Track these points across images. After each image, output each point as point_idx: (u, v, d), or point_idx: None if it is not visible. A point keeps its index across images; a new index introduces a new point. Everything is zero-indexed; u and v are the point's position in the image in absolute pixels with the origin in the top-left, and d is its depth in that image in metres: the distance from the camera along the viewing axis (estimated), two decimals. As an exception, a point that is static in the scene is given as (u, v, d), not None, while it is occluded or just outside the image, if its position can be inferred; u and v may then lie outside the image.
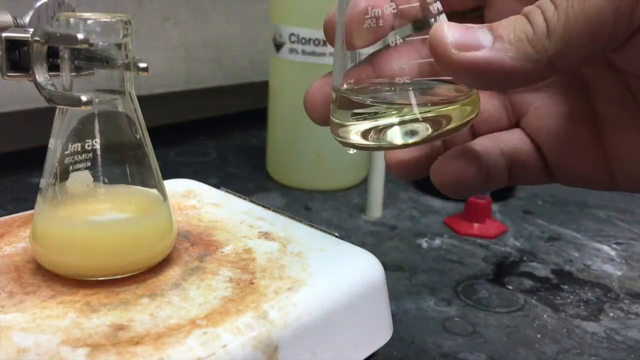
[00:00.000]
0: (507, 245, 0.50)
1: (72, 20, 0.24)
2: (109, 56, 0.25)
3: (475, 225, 0.52)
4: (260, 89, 0.70)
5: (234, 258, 0.28)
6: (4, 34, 0.26)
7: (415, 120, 0.22)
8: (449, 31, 0.19)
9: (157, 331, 0.22)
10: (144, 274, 0.26)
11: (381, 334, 0.29)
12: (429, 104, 0.22)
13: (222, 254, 0.29)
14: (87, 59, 0.25)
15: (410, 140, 0.22)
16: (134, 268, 0.26)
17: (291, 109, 0.60)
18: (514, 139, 0.26)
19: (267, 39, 0.64)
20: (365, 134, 0.23)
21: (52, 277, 0.25)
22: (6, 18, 0.26)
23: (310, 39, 0.56)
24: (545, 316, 0.39)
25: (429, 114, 0.22)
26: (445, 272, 0.45)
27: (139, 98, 0.27)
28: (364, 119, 0.23)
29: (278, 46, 0.59)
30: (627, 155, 0.23)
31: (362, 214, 0.55)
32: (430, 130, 0.22)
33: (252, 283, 0.26)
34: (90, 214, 0.26)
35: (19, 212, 0.33)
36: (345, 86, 0.24)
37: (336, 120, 0.24)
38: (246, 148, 0.76)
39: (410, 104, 0.22)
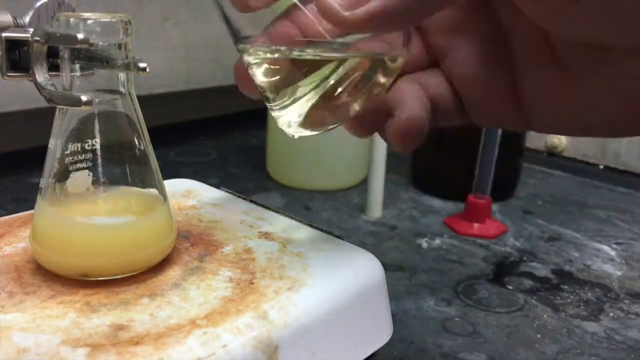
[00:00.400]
0: (507, 245, 0.50)
1: (72, 20, 0.24)
2: (109, 56, 0.25)
3: (475, 225, 0.52)
4: (260, 89, 0.69)
5: (234, 258, 0.28)
6: (4, 34, 0.26)
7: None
8: None
9: (157, 331, 0.22)
10: (144, 274, 0.26)
11: (381, 334, 0.29)
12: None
13: (222, 254, 0.29)
14: (87, 59, 0.25)
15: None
16: (134, 268, 0.26)
17: (291, 109, 0.60)
18: (433, 83, 0.26)
19: (267, 39, 0.64)
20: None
21: (52, 277, 0.25)
22: (6, 18, 0.26)
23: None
24: (545, 316, 0.39)
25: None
26: (445, 272, 0.45)
27: (139, 98, 0.27)
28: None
29: (278, 46, 0.59)
30: (539, 98, 0.24)
31: (362, 214, 0.55)
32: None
33: (252, 283, 0.26)
34: (91, 214, 0.26)
35: (19, 212, 0.33)
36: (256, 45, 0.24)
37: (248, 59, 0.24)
38: (246, 148, 0.76)
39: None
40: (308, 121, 0.24)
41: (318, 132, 0.25)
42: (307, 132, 0.25)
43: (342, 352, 0.27)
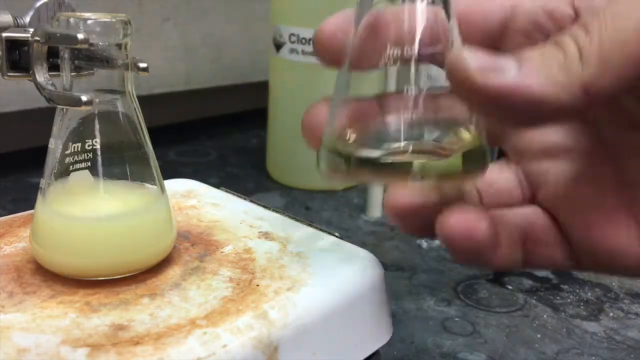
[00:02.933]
0: (507, 245, 0.50)
1: (72, 20, 0.24)
2: (109, 56, 0.25)
3: (475, 225, 0.52)
4: (260, 89, 0.70)
5: (234, 258, 0.28)
6: (4, 34, 0.26)
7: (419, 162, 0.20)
8: (470, 55, 0.17)
9: (157, 331, 0.22)
10: (144, 274, 0.26)
11: (381, 334, 0.29)
12: (433, 153, 0.21)
13: (222, 254, 0.29)
14: (87, 59, 0.25)
15: (411, 179, 0.20)
16: (134, 268, 0.26)
17: (291, 109, 0.60)
18: (526, 212, 0.23)
19: (267, 39, 0.64)
20: (362, 163, 0.21)
21: (52, 277, 0.25)
22: (6, 18, 0.26)
23: (310, 39, 0.56)
24: (545, 316, 0.39)
25: (433, 157, 0.20)
26: (445, 272, 0.45)
27: (139, 98, 0.27)
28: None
29: (278, 46, 0.59)
30: None
31: (362, 214, 0.55)
32: (432, 173, 0.20)
33: (252, 283, 0.26)
34: (90, 214, 0.26)
35: (19, 212, 0.33)
36: (347, 135, 0.22)
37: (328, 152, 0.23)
38: (246, 148, 0.76)
39: (415, 149, 0.21)
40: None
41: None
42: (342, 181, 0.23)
43: (342, 352, 0.27)
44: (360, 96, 0.23)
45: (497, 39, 0.22)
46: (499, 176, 0.24)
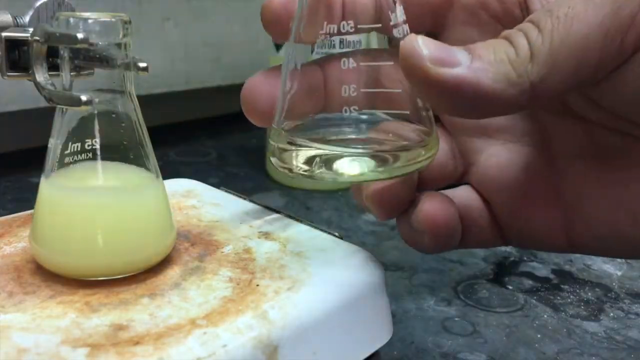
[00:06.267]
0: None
1: (71, 19, 0.24)
2: (109, 56, 0.25)
3: (476, 225, 0.52)
4: (260, 89, 0.70)
5: (234, 258, 0.28)
6: (3, 34, 0.26)
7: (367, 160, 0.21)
8: (424, 44, 0.18)
9: (157, 331, 0.22)
10: (144, 274, 0.26)
11: (381, 334, 0.29)
12: (383, 150, 0.21)
13: (222, 254, 0.29)
14: (87, 58, 0.25)
15: (361, 178, 0.21)
16: (134, 268, 0.26)
17: (291, 109, 0.60)
18: (462, 194, 0.24)
19: (267, 38, 0.64)
20: (308, 162, 0.21)
21: (52, 277, 0.25)
22: (6, 17, 0.26)
23: (310, 39, 0.56)
24: (545, 316, 0.39)
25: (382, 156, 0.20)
26: (445, 272, 0.45)
27: (139, 98, 0.27)
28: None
29: (278, 46, 0.59)
30: (590, 211, 0.21)
31: (362, 214, 0.55)
32: (382, 175, 0.20)
33: (252, 283, 0.26)
34: (90, 214, 0.26)
35: (19, 212, 0.33)
36: (287, 122, 0.22)
37: (276, 144, 0.23)
38: (246, 148, 0.76)
39: (363, 144, 0.21)
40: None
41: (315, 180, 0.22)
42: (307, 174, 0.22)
43: (342, 352, 0.27)
44: (306, 69, 0.23)
45: (441, 14, 0.23)
46: None
